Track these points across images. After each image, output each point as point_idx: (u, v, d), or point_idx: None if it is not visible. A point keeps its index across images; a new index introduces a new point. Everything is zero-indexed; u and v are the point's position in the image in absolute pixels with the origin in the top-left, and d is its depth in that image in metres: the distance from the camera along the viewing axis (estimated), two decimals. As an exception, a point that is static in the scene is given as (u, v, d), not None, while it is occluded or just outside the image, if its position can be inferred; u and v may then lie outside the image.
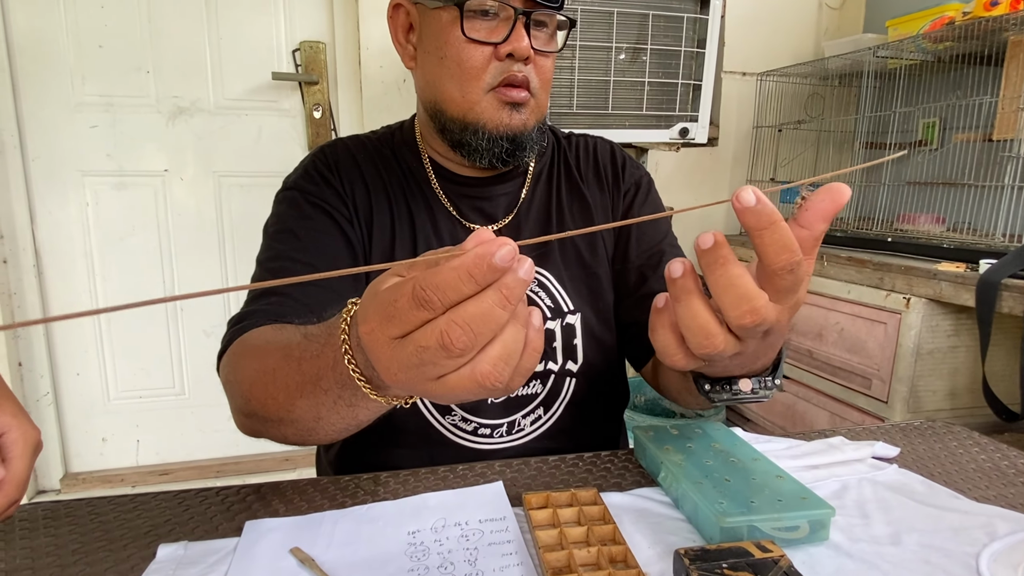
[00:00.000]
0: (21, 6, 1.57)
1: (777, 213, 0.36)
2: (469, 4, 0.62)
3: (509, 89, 0.65)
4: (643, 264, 0.77)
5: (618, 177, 0.81)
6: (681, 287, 0.39)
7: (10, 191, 1.61)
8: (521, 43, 0.62)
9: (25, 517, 0.54)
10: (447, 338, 0.29)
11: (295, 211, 0.70)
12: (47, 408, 1.72)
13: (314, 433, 0.49)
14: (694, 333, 0.39)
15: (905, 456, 0.64)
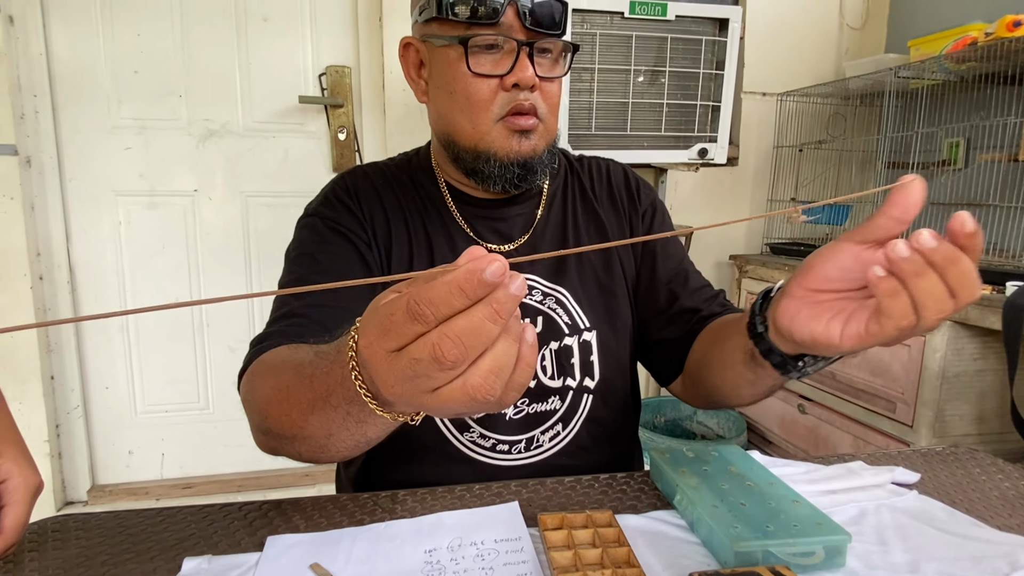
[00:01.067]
0: (63, 34, 1.64)
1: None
2: (473, 41, 0.65)
3: (517, 118, 0.67)
4: (671, 281, 0.79)
5: (634, 198, 0.83)
6: (916, 262, 0.40)
7: (47, 210, 1.68)
8: (525, 73, 0.65)
9: (57, 528, 0.56)
10: (439, 350, 0.30)
11: (315, 236, 0.73)
12: (77, 421, 1.76)
13: (326, 450, 0.50)
14: (937, 300, 0.40)
15: (926, 482, 0.63)
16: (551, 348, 0.75)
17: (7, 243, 1.59)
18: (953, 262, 0.39)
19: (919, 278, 0.40)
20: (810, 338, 0.47)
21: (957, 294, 0.40)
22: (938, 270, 0.40)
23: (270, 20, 1.74)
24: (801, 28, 2.07)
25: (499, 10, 0.64)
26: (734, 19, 1.58)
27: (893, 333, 0.42)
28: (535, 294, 0.76)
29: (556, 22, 0.66)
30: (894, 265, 0.40)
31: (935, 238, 0.39)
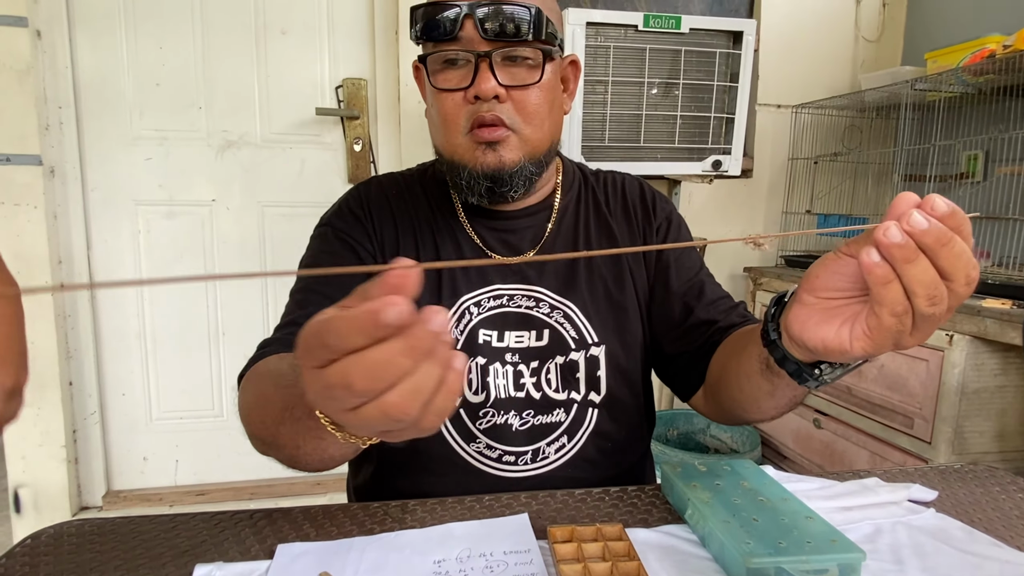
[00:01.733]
0: (88, 48, 1.68)
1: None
2: (433, 58, 0.67)
3: (480, 130, 0.67)
4: (685, 293, 0.77)
5: (648, 212, 0.82)
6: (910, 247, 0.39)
7: (69, 219, 1.71)
8: (483, 85, 0.65)
9: (73, 533, 0.57)
10: (349, 379, 0.30)
11: (324, 246, 0.76)
12: (94, 427, 1.79)
13: (298, 460, 0.52)
14: (928, 287, 0.39)
15: (943, 500, 0.62)
16: (556, 362, 0.75)
17: (31, 251, 1.62)
18: (944, 243, 0.38)
19: (911, 265, 0.39)
20: (822, 344, 0.47)
21: (951, 277, 0.39)
22: (929, 253, 0.39)
23: (289, 33, 1.77)
24: (816, 41, 2.06)
25: (454, 26, 0.64)
26: (748, 32, 1.58)
27: (890, 323, 0.41)
28: (543, 307, 0.76)
29: (521, 29, 0.65)
30: (884, 250, 0.39)
31: (927, 218, 0.38)
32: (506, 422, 0.73)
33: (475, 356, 0.74)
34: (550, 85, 0.70)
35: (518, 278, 0.76)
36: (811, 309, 0.47)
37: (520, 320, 0.75)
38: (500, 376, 0.74)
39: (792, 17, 2.03)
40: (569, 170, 0.84)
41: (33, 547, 0.55)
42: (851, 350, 0.45)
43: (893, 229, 0.38)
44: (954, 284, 0.39)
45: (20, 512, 1.71)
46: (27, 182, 1.61)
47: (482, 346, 0.74)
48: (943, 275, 0.39)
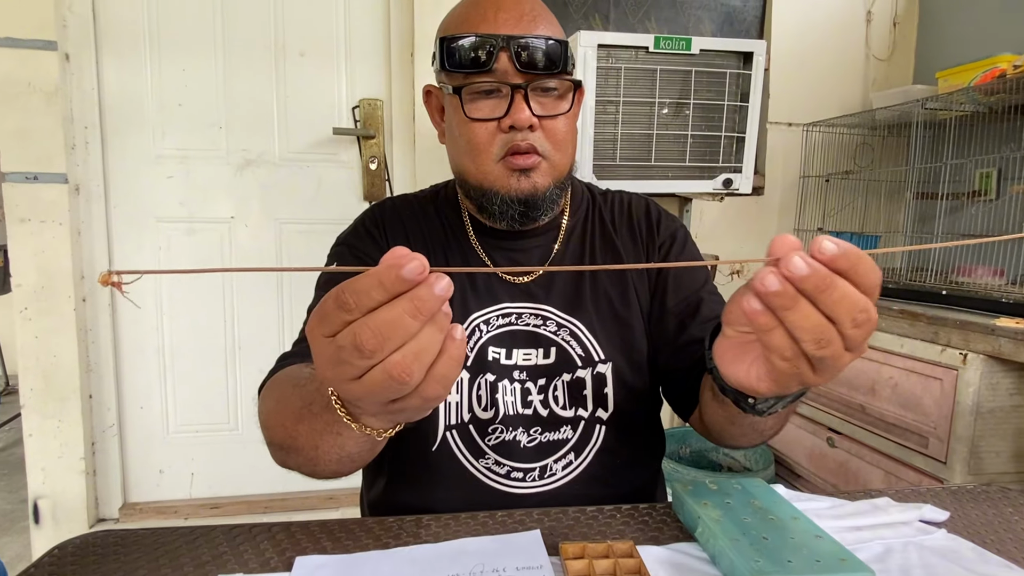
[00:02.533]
0: (114, 70, 1.74)
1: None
2: (466, 90, 0.69)
3: (515, 157, 0.70)
4: (682, 311, 0.78)
5: (652, 230, 0.83)
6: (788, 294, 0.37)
7: (93, 235, 1.75)
8: (519, 115, 0.68)
9: (97, 543, 0.58)
10: (359, 339, 0.33)
11: (339, 263, 0.79)
12: (112, 439, 1.82)
13: (316, 463, 0.54)
14: (811, 332, 0.38)
15: (955, 521, 0.62)
16: (563, 379, 0.76)
17: (56, 266, 1.66)
18: (824, 288, 0.36)
19: (788, 311, 0.37)
20: (735, 380, 0.46)
21: (836, 320, 0.37)
22: (810, 298, 0.37)
23: (307, 55, 1.81)
24: (827, 60, 2.08)
25: (491, 58, 0.67)
26: (758, 52, 1.60)
27: (783, 366, 0.40)
28: (550, 325, 0.77)
29: (552, 62, 0.68)
30: (763, 299, 0.38)
31: (807, 264, 0.36)
32: (514, 438, 0.75)
33: (485, 373, 0.75)
34: (575, 112, 0.73)
35: (526, 297, 0.78)
36: (729, 343, 0.46)
37: (528, 338, 0.77)
38: (508, 393, 0.75)
39: (802, 36, 2.05)
40: (578, 191, 0.86)
41: (60, 557, 0.56)
42: (758, 388, 0.45)
43: (771, 277, 0.37)
44: (841, 327, 0.37)
45: (39, 523, 1.74)
46: (53, 199, 1.66)
47: (491, 363, 0.75)
48: (828, 318, 0.37)
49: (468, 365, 0.76)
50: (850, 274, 0.37)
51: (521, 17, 0.68)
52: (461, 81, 0.69)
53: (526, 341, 0.76)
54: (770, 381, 0.44)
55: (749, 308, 0.39)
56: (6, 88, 1.60)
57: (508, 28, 0.67)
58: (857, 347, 0.39)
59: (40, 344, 1.68)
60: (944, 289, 1.51)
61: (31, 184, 1.64)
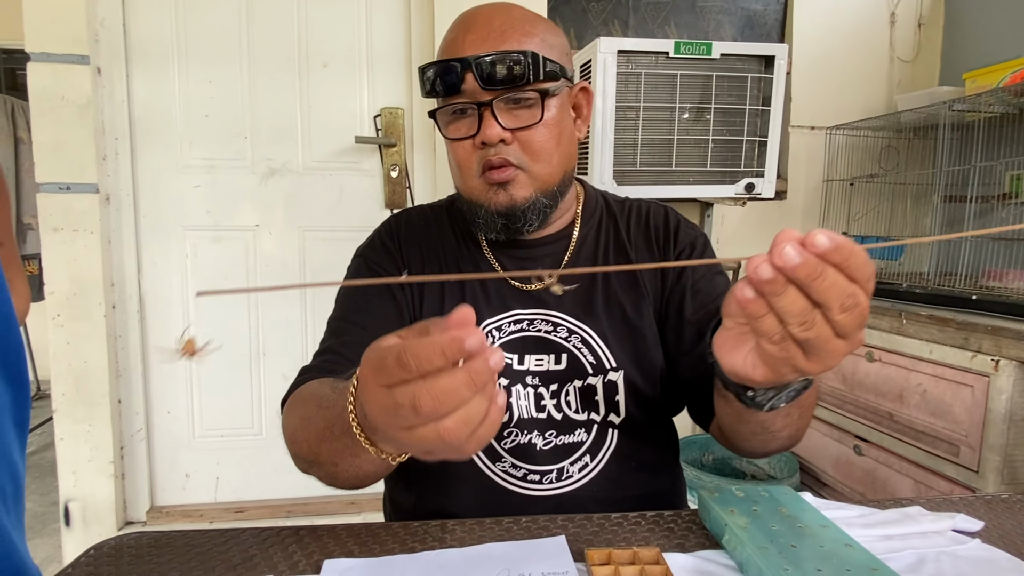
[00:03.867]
0: (143, 82, 1.78)
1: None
2: (440, 113, 0.73)
3: (491, 172, 0.72)
4: (699, 320, 0.77)
5: (670, 238, 0.82)
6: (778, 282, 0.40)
7: (122, 244, 1.80)
8: (487, 132, 0.70)
9: (132, 544, 0.60)
10: (418, 402, 0.35)
11: (357, 276, 0.83)
12: (140, 443, 1.85)
13: (336, 478, 0.58)
14: (796, 316, 0.40)
15: (990, 531, 0.61)
16: (575, 385, 0.76)
17: (87, 274, 1.71)
18: (814, 277, 0.39)
19: (777, 297, 0.40)
20: (732, 369, 0.49)
21: (824, 306, 0.40)
22: (800, 285, 0.40)
23: (330, 66, 1.84)
24: (850, 62, 2.06)
25: (459, 80, 0.69)
26: (780, 56, 1.59)
27: (772, 350, 0.43)
28: (560, 331, 0.77)
29: (515, 75, 0.68)
30: (756, 286, 0.41)
31: (799, 253, 0.39)
32: (530, 441, 0.75)
33: (499, 378, 0.76)
34: (555, 120, 0.73)
35: (537, 303, 0.79)
36: (728, 334, 0.49)
37: (539, 344, 0.77)
38: (522, 398, 0.76)
39: (825, 39, 2.03)
40: (591, 200, 0.85)
41: (96, 557, 0.58)
42: (753, 376, 0.47)
43: (764, 266, 0.40)
44: (830, 312, 0.40)
45: (70, 525, 1.77)
46: (84, 209, 1.70)
47: (504, 368, 0.76)
48: (817, 304, 0.40)
49: None
50: (842, 267, 0.39)
51: (488, 36, 0.70)
52: (438, 104, 0.73)
53: (537, 347, 0.77)
54: (764, 368, 0.46)
55: (741, 296, 0.42)
56: (42, 101, 1.65)
57: (474, 49, 0.69)
58: (848, 334, 0.41)
59: (72, 350, 1.72)
60: (974, 294, 1.48)
61: (64, 194, 1.69)
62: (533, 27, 0.72)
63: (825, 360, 0.43)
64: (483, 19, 0.71)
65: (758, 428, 0.62)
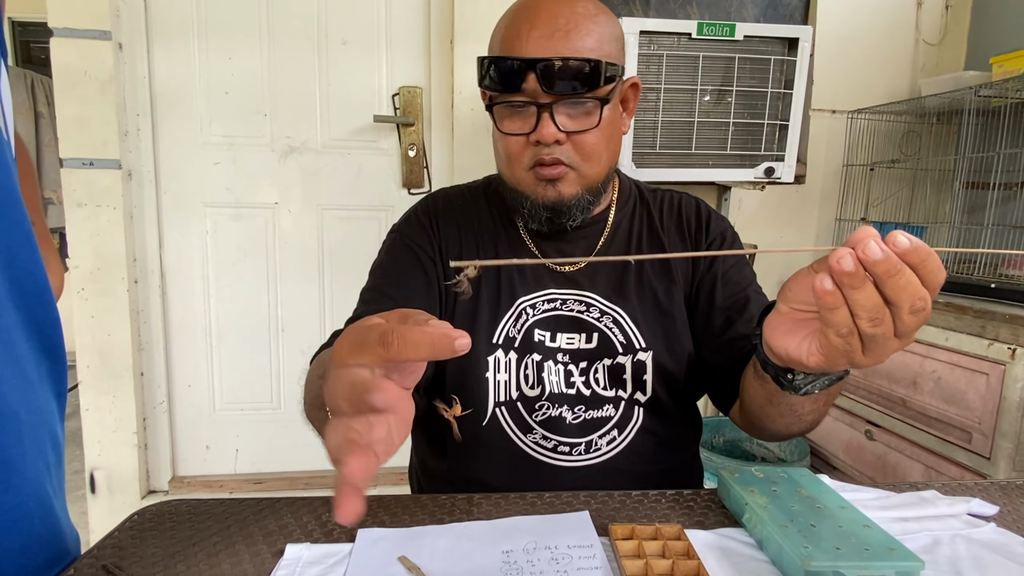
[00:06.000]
0: (164, 59, 1.79)
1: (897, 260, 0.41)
2: (498, 108, 0.73)
3: (541, 168, 0.73)
4: (728, 307, 0.80)
5: (702, 228, 0.85)
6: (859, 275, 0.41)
7: (144, 220, 1.82)
8: (544, 132, 0.70)
9: (171, 511, 0.62)
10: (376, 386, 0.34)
11: (391, 251, 0.84)
12: (162, 415, 1.90)
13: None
14: (869, 311, 0.42)
15: (1005, 515, 0.62)
16: (604, 363, 0.79)
17: (110, 249, 1.73)
18: (892, 274, 0.40)
19: (855, 291, 0.41)
20: (784, 352, 0.51)
21: (896, 304, 0.42)
22: (877, 281, 0.41)
23: (349, 44, 1.84)
24: (874, 45, 2.02)
25: (519, 79, 0.69)
26: (804, 38, 1.56)
27: (837, 342, 0.44)
28: (593, 311, 0.80)
29: (580, 83, 0.69)
30: (836, 276, 0.42)
31: (882, 249, 0.40)
32: (560, 415, 0.78)
33: (531, 353, 0.79)
34: (608, 121, 0.74)
35: (571, 284, 0.81)
36: (783, 318, 0.51)
37: (572, 323, 0.80)
38: (553, 373, 0.79)
39: (849, 21, 1.99)
40: (625, 187, 0.88)
41: (139, 522, 0.60)
42: (807, 362, 0.49)
43: (847, 258, 0.40)
44: (899, 311, 0.42)
45: (95, 493, 1.83)
46: (107, 185, 1.72)
47: (537, 344, 0.79)
48: (889, 302, 0.42)
49: (516, 346, 0.79)
50: (918, 268, 0.41)
51: (553, 33, 0.69)
52: (496, 98, 0.73)
53: (570, 326, 0.80)
54: (820, 356, 0.48)
55: (820, 287, 0.42)
56: (65, 77, 1.66)
57: (538, 47, 0.69)
58: (907, 334, 0.44)
59: (96, 323, 1.76)
60: (993, 282, 1.47)
61: (87, 170, 1.71)
62: (595, 24, 0.71)
63: (879, 356, 0.45)
64: (548, 14, 0.69)
65: (787, 411, 0.64)
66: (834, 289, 0.42)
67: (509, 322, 0.79)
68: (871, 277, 0.41)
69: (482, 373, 0.78)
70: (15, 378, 0.51)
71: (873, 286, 0.41)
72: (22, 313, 0.53)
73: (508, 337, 0.79)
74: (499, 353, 0.79)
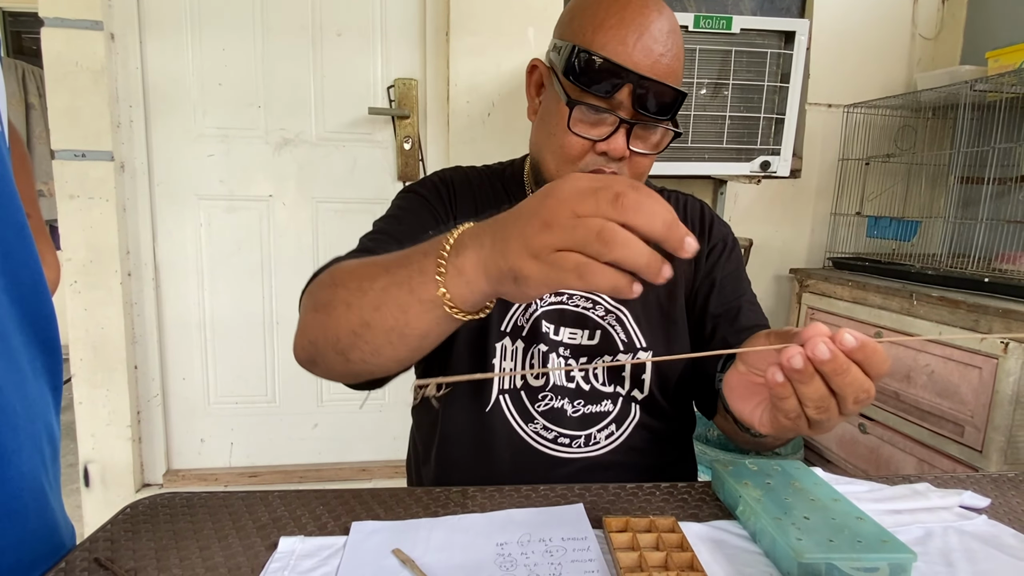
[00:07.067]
0: (157, 50, 1.77)
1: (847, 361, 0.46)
2: (577, 108, 0.69)
3: None
4: (719, 315, 0.81)
5: (704, 232, 0.86)
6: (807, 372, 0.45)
7: (137, 212, 1.81)
8: (616, 146, 0.69)
9: (165, 504, 0.62)
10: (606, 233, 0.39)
11: (403, 203, 0.82)
12: (156, 408, 1.89)
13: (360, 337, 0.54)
14: (816, 402, 0.47)
15: (996, 508, 0.62)
16: (605, 360, 0.80)
17: (103, 242, 1.72)
18: (839, 373, 0.45)
19: (804, 385, 0.46)
20: (739, 415, 0.56)
21: (840, 396, 0.46)
22: (825, 377, 0.46)
23: (343, 35, 1.83)
24: (870, 39, 2.02)
25: (614, 88, 0.67)
26: (800, 32, 1.56)
27: (786, 423, 0.49)
28: (598, 309, 0.81)
29: (667, 109, 0.68)
30: (786, 372, 0.46)
31: (830, 349, 0.44)
32: (562, 407, 0.79)
33: (538, 344, 0.79)
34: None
35: None
36: (741, 378, 0.55)
37: (576, 318, 0.80)
38: (555, 365, 0.79)
39: (846, 15, 1.99)
40: None
41: (132, 515, 0.60)
42: (759, 429, 0.54)
43: (797, 357, 0.45)
44: (844, 402, 0.46)
45: (89, 486, 1.82)
46: (100, 177, 1.71)
47: (543, 336, 0.79)
48: (835, 393, 0.46)
49: (523, 335, 0.79)
50: (864, 364, 0.45)
51: (657, 55, 0.67)
52: (577, 95, 0.69)
53: (574, 321, 0.80)
54: (771, 427, 0.53)
55: (772, 379, 0.47)
56: (56, 68, 1.64)
57: (640, 60, 0.66)
58: (852, 414, 0.49)
59: (89, 316, 1.75)
60: (986, 276, 1.48)
61: (79, 161, 1.69)
62: (680, 43, 0.70)
63: (825, 431, 0.50)
64: (654, 27, 0.67)
65: (752, 445, 0.68)
66: (785, 381, 0.47)
67: (519, 310, 0.79)
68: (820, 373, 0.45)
69: (488, 359, 0.78)
70: (10, 372, 0.50)
71: (821, 380, 0.46)
72: (17, 307, 0.53)
73: (516, 326, 0.79)
74: (506, 341, 0.79)
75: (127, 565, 0.51)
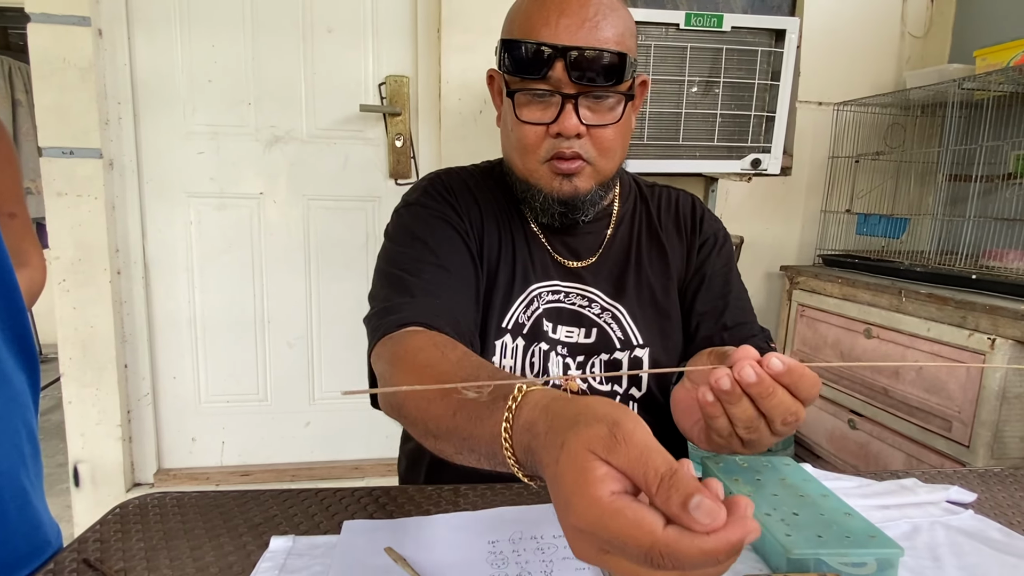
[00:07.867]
0: (145, 46, 1.76)
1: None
2: (519, 94, 0.70)
3: (559, 162, 0.72)
4: (704, 312, 0.82)
5: (696, 227, 0.86)
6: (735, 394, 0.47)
7: (127, 210, 1.79)
8: (566, 124, 0.69)
9: (156, 504, 0.62)
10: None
11: (421, 223, 0.77)
12: (146, 408, 1.88)
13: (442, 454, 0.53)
14: (745, 422, 0.48)
15: (982, 503, 0.63)
16: (601, 358, 0.80)
17: (91, 240, 1.71)
18: (765, 395, 0.46)
19: (731, 406, 0.48)
20: (680, 429, 0.58)
21: (769, 418, 0.48)
22: (752, 399, 0.47)
23: (334, 32, 1.82)
24: (860, 37, 2.03)
25: (546, 67, 0.67)
26: (791, 30, 1.57)
27: (719, 441, 0.51)
28: (594, 307, 0.81)
29: (608, 75, 0.68)
30: (715, 393, 0.48)
31: (756, 373, 0.46)
32: None
33: (539, 342, 0.79)
34: (626, 118, 0.73)
35: (575, 278, 0.81)
36: (685, 394, 0.57)
37: (572, 317, 0.80)
38: (554, 364, 0.79)
39: (836, 13, 2.00)
40: (626, 181, 0.88)
41: (122, 516, 0.60)
42: (699, 445, 0.56)
43: (725, 379, 0.47)
44: (773, 423, 0.48)
45: (79, 486, 1.81)
46: (88, 174, 1.69)
47: (544, 334, 0.79)
48: (763, 415, 0.48)
49: (524, 333, 0.79)
50: (791, 387, 0.47)
51: (583, 23, 0.67)
52: (517, 84, 0.70)
53: (571, 319, 0.80)
54: (707, 445, 0.55)
55: (702, 399, 0.49)
56: (43, 64, 1.63)
57: (568, 35, 0.67)
58: (783, 436, 0.50)
59: (78, 315, 1.73)
60: (974, 273, 1.49)
61: (67, 159, 1.68)
62: (618, 17, 0.70)
63: (758, 449, 0.52)
64: (577, 3, 0.68)
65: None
66: (715, 401, 0.48)
67: (520, 307, 0.79)
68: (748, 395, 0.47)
69: (488, 357, 0.78)
70: None
71: (749, 402, 0.47)
72: None
73: (517, 323, 0.79)
74: (507, 338, 0.79)
75: (116, 566, 0.51)
